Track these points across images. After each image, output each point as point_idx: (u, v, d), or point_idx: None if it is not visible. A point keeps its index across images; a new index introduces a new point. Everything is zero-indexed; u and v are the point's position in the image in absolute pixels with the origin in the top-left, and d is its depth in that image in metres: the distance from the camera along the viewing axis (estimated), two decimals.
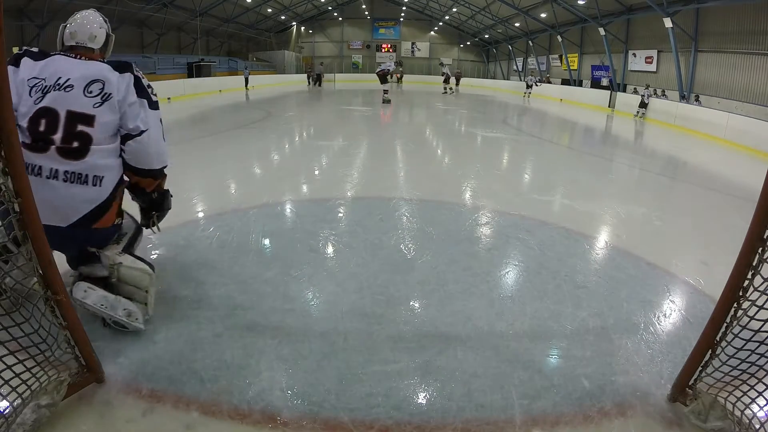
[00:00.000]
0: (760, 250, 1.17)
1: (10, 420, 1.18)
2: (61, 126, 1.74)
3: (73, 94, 1.77)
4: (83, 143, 1.75)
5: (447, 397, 1.46)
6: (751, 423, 1.27)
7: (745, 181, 5.63)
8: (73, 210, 1.76)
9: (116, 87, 1.83)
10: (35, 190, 1.60)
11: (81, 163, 1.75)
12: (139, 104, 1.90)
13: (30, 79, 1.79)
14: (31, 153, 1.71)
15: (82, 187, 1.76)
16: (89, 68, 1.84)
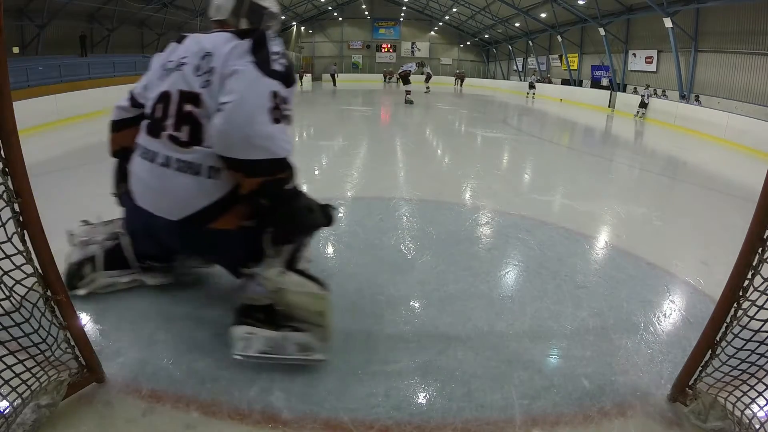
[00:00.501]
0: (760, 250, 1.17)
1: (10, 420, 1.18)
2: (173, 109, 1.55)
3: (183, 73, 1.56)
4: (193, 129, 1.51)
5: (447, 397, 1.46)
6: (751, 423, 1.27)
7: (745, 181, 5.63)
8: (185, 203, 1.53)
9: (222, 57, 1.49)
10: (148, 176, 1.60)
11: (192, 151, 1.51)
12: (241, 71, 1.44)
13: (164, 64, 1.69)
14: (147, 137, 1.61)
15: (196, 178, 1.51)
16: (207, 41, 1.59)
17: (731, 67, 12.31)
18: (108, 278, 2.00)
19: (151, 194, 1.59)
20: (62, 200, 3.61)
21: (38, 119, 7.71)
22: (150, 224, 1.64)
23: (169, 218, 1.56)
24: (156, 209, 1.59)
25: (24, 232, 1.15)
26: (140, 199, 1.66)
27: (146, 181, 1.62)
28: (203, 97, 1.51)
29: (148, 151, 1.60)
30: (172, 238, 1.65)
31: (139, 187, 1.67)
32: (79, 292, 1.96)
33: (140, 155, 1.66)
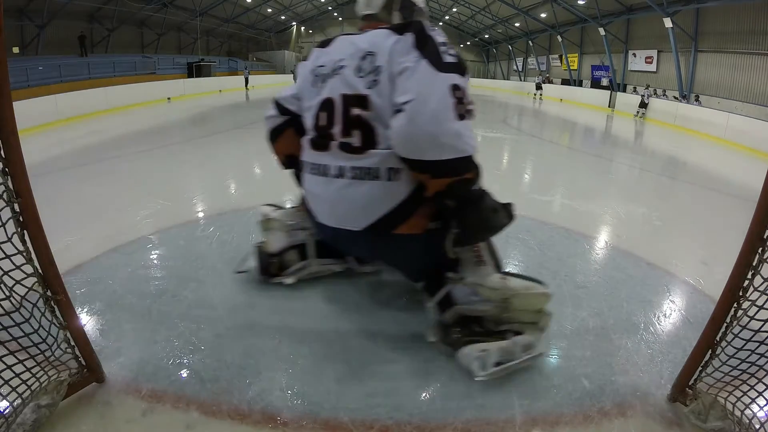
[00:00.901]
0: (760, 250, 1.17)
1: (10, 420, 1.18)
2: (339, 116, 1.48)
3: (343, 76, 1.48)
4: (365, 132, 1.44)
5: (447, 397, 1.46)
6: (751, 423, 1.27)
7: (745, 181, 5.64)
8: (367, 211, 1.46)
9: (387, 55, 1.41)
10: (323, 191, 1.55)
11: (368, 156, 1.43)
12: (414, 68, 1.35)
13: (313, 69, 1.62)
14: (314, 152, 1.55)
15: (375, 183, 1.43)
16: (363, 41, 1.50)
17: (731, 67, 12.32)
18: (321, 266, 2.04)
19: (329, 208, 1.55)
20: (62, 200, 3.61)
21: (38, 119, 7.72)
22: (335, 238, 1.64)
23: (353, 229, 1.50)
24: (338, 223, 1.54)
25: (24, 232, 1.15)
26: (320, 216, 1.62)
27: (323, 197, 1.57)
28: (371, 98, 1.43)
29: (318, 166, 1.55)
30: (359, 248, 1.67)
31: (316, 205, 1.63)
32: (287, 280, 2.00)
33: (310, 172, 1.63)
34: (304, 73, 1.68)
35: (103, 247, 2.56)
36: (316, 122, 1.57)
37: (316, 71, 1.61)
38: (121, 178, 4.46)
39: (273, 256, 2.01)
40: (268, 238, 2.02)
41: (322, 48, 1.68)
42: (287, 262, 2.02)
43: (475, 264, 1.52)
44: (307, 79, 1.64)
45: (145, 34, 20.44)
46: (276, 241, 1.99)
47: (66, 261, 2.31)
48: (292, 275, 2.01)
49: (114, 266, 2.35)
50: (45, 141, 6.60)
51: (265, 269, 2.00)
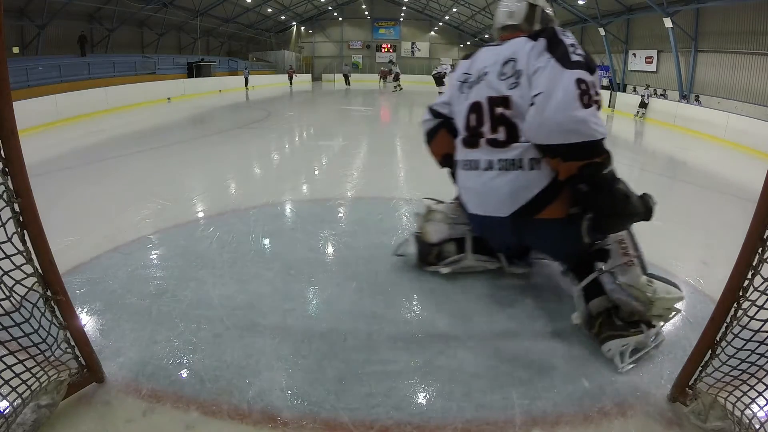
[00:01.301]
0: (760, 250, 1.17)
1: (10, 420, 1.18)
2: (486, 115, 1.72)
3: (488, 81, 1.74)
4: (509, 128, 1.66)
5: (447, 397, 1.46)
6: (751, 423, 1.27)
7: (745, 181, 5.63)
8: (513, 198, 1.67)
9: (525, 59, 1.62)
10: (474, 183, 1.79)
11: (512, 149, 1.66)
12: (544, 67, 1.54)
13: (460, 78, 1.91)
14: (466, 149, 1.80)
15: (519, 173, 1.64)
16: (505, 49, 1.74)
17: (731, 67, 12.31)
18: (476, 261, 2.17)
19: (480, 199, 1.78)
20: (62, 200, 3.61)
21: (38, 119, 7.72)
22: (484, 226, 1.88)
23: (501, 215, 1.70)
24: (487, 211, 1.76)
25: (24, 232, 1.15)
26: (471, 206, 1.87)
27: (474, 189, 1.81)
28: (513, 99, 1.64)
29: (470, 161, 1.80)
30: (506, 234, 1.82)
31: (468, 197, 1.89)
32: (443, 270, 2.16)
33: (462, 168, 1.88)
34: (453, 82, 1.96)
35: (103, 247, 2.56)
36: (467, 123, 1.81)
37: (462, 79, 1.89)
38: (121, 178, 4.46)
39: (433, 246, 2.15)
40: (429, 228, 2.16)
41: (466, 60, 1.97)
42: (445, 252, 2.15)
43: (622, 257, 1.65)
44: (455, 86, 1.91)
45: (145, 34, 20.43)
46: (436, 232, 2.14)
47: (66, 261, 2.31)
48: (448, 266, 2.14)
49: (114, 266, 2.35)
50: (45, 141, 6.60)
51: (424, 257, 2.17)
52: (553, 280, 2.32)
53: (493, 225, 1.78)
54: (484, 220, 1.80)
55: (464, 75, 1.87)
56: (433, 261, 2.14)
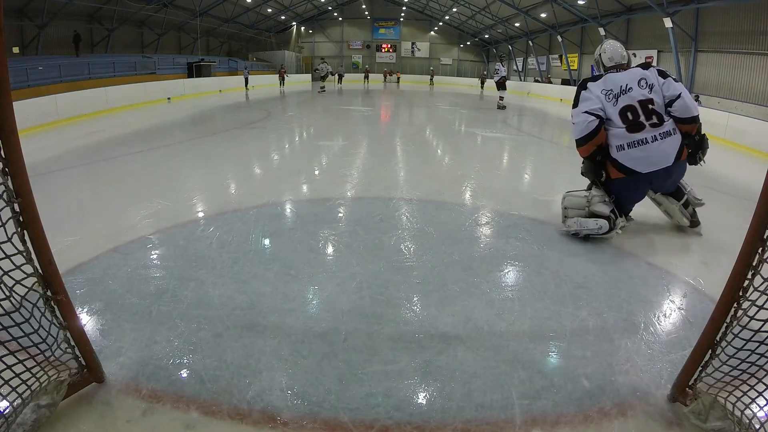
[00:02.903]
0: (760, 250, 1.17)
1: (10, 420, 1.18)
2: (640, 111, 2.80)
3: (633, 91, 2.83)
4: (658, 115, 2.80)
5: (447, 397, 1.46)
6: (751, 423, 1.27)
7: (744, 181, 5.63)
8: (673, 152, 2.82)
9: (653, 78, 2.86)
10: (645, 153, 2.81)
11: (663, 126, 2.80)
12: (669, 81, 2.87)
13: (603, 91, 2.87)
14: (632, 134, 2.79)
15: (673, 137, 2.81)
16: (635, 73, 2.88)
17: (731, 67, 12.31)
18: (622, 222, 3.00)
19: (652, 160, 2.80)
20: (62, 200, 3.61)
21: (38, 119, 7.72)
22: (654, 177, 2.87)
23: (668, 165, 2.81)
24: (660, 165, 2.81)
25: (24, 232, 1.15)
26: (645, 168, 2.82)
27: (646, 156, 2.80)
28: (655, 99, 2.82)
29: (638, 140, 2.80)
30: (666, 177, 2.90)
31: (640, 163, 2.82)
32: (621, 223, 2.99)
33: (630, 148, 2.83)
34: (597, 94, 2.89)
35: (103, 247, 2.56)
36: (624, 119, 2.83)
37: (606, 93, 2.87)
38: (121, 178, 4.46)
39: (606, 217, 2.93)
40: (596, 205, 2.96)
41: (595, 81, 2.95)
42: (613, 218, 2.93)
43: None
44: (601, 97, 2.88)
45: (145, 34, 20.43)
46: (604, 207, 2.94)
47: (66, 261, 2.31)
48: (619, 226, 2.98)
49: (114, 266, 2.35)
50: (45, 141, 6.60)
51: (611, 225, 2.91)
52: (553, 281, 2.33)
53: (659, 174, 2.83)
54: (655, 174, 2.83)
55: (606, 91, 2.86)
56: (612, 226, 2.90)
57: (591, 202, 3.01)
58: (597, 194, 3.03)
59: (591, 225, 2.92)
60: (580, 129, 2.89)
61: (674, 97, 2.81)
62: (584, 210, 3.03)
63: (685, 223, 3.22)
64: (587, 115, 2.86)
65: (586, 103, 2.90)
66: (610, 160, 2.94)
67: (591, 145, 2.92)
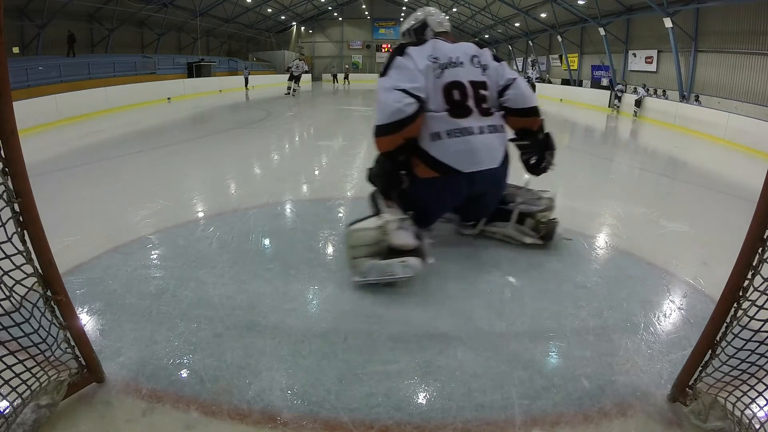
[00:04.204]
0: (760, 250, 1.17)
1: (10, 420, 1.18)
2: (470, 93, 2.26)
3: (466, 68, 2.28)
4: (489, 103, 2.32)
5: (447, 397, 1.46)
6: (751, 423, 1.27)
7: (745, 181, 5.63)
8: (501, 152, 2.33)
9: (487, 59, 2.38)
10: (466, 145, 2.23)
11: (493, 117, 2.32)
12: (503, 66, 2.42)
13: (428, 58, 2.22)
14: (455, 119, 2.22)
15: (500, 134, 2.33)
16: (466, 47, 2.37)
17: (731, 67, 12.31)
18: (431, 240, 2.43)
19: (476, 157, 2.24)
20: (62, 200, 3.61)
21: (38, 119, 7.72)
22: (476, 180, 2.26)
23: (495, 166, 2.27)
24: (483, 165, 2.24)
25: (24, 232, 1.15)
26: (465, 166, 2.23)
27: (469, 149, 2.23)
28: (488, 82, 2.32)
29: (461, 129, 2.21)
30: (492, 182, 2.35)
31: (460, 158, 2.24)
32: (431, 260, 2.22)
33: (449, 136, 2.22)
34: (420, 64, 2.21)
35: (103, 247, 2.56)
36: (449, 98, 2.23)
37: (432, 61, 2.23)
38: (121, 178, 4.46)
39: (413, 250, 2.20)
40: (397, 237, 2.14)
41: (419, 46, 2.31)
42: (422, 247, 2.24)
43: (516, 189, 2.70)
44: (427, 68, 2.21)
45: (145, 34, 20.42)
46: (407, 237, 2.18)
47: (66, 261, 2.31)
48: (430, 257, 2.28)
49: (114, 266, 2.35)
50: (45, 141, 6.60)
51: (421, 257, 2.17)
52: (554, 281, 2.32)
53: (483, 178, 2.24)
54: (478, 176, 2.23)
55: (432, 58, 2.19)
56: (423, 258, 2.19)
57: (387, 232, 2.12)
58: (391, 219, 2.16)
59: (397, 269, 2.08)
60: (389, 112, 2.06)
61: (508, 83, 2.31)
62: (379, 245, 2.14)
63: (531, 240, 2.59)
64: (402, 95, 2.07)
65: (402, 75, 2.13)
66: (419, 153, 2.18)
67: (399, 137, 2.11)
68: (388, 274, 2.09)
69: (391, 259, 2.09)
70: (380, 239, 2.13)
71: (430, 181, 2.23)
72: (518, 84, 2.34)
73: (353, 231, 2.19)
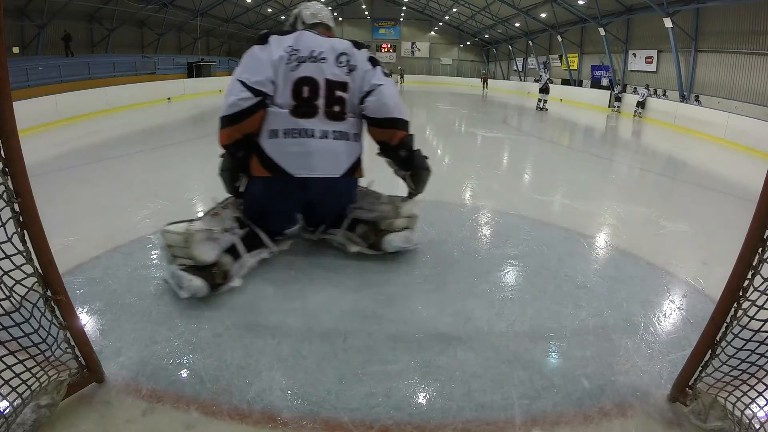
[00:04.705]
0: (760, 250, 1.17)
1: (10, 420, 1.18)
2: (323, 92, 2.10)
3: (328, 64, 2.09)
4: (342, 107, 2.11)
5: (447, 397, 1.46)
6: (751, 423, 1.27)
7: (745, 181, 5.63)
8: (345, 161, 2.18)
9: (358, 59, 2.14)
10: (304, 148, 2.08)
11: (343, 123, 2.11)
12: (374, 72, 2.16)
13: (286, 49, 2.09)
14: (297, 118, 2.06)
15: (347, 142, 2.13)
16: (335, 43, 2.15)
17: (731, 67, 12.31)
18: (253, 258, 2.23)
19: (312, 162, 2.09)
20: (62, 200, 3.61)
21: (38, 119, 7.71)
22: (308, 189, 2.13)
23: (334, 176, 2.12)
24: (318, 173, 2.10)
25: (24, 232, 1.15)
26: (299, 170, 2.10)
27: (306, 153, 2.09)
28: (350, 84, 2.12)
29: (301, 130, 2.07)
30: (331, 196, 2.21)
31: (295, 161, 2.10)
32: (235, 283, 2.05)
33: (287, 135, 2.08)
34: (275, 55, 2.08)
35: (103, 247, 2.56)
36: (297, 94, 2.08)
37: (289, 51, 2.08)
38: (121, 178, 4.46)
39: (213, 267, 2.01)
40: (198, 251, 1.96)
41: (283, 36, 2.15)
42: (225, 266, 2.05)
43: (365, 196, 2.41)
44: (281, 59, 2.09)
45: (145, 34, 20.43)
46: (207, 251, 1.98)
47: (66, 261, 2.31)
48: (238, 277, 2.09)
49: (114, 266, 2.35)
50: (45, 141, 6.60)
51: (211, 283, 1.97)
52: (554, 281, 2.32)
53: (318, 187, 2.08)
54: (312, 183, 2.07)
55: (291, 48, 2.04)
56: (221, 281, 2.01)
57: (189, 241, 1.95)
58: (198, 229, 1.99)
59: (182, 283, 1.91)
60: (227, 104, 2.01)
61: (371, 89, 2.08)
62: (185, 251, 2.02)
63: (356, 249, 2.35)
64: (241, 88, 1.99)
65: (248, 67, 2.03)
66: (256, 149, 2.07)
67: (235, 131, 2.05)
68: (175, 284, 1.97)
69: (183, 272, 1.94)
70: (183, 246, 1.97)
71: (261, 181, 2.12)
72: (381, 91, 2.09)
73: (164, 231, 2.04)
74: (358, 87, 2.11)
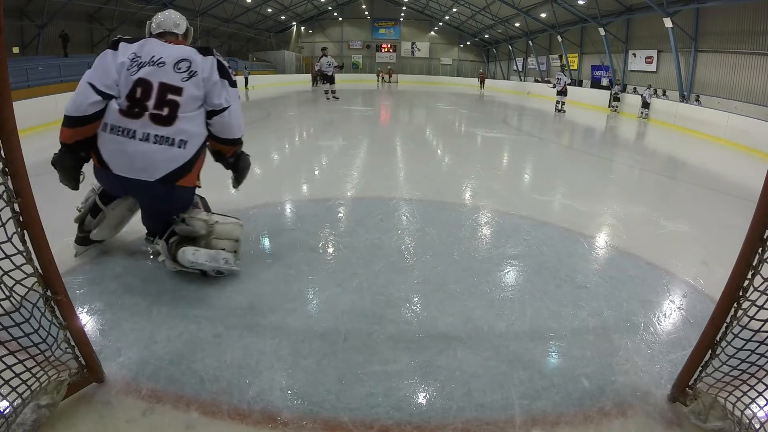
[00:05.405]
0: (760, 250, 1.17)
1: (10, 420, 1.18)
2: (154, 95, 2.08)
3: (165, 69, 2.11)
4: (171, 111, 2.09)
5: (447, 397, 1.46)
6: (751, 423, 1.27)
7: (745, 181, 5.63)
8: (161, 167, 2.09)
9: (201, 67, 2.15)
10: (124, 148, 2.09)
11: (168, 129, 2.07)
12: (221, 85, 2.17)
13: (129, 55, 2.15)
14: (125, 117, 2.07)
15: (168, 148, 2.09)
16: (177, 50, 2.18)
17: (731, 67, 12.33)
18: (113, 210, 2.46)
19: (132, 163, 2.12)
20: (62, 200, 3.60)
21: (38, 119, 7.72)
22: (128, 189, 2.25)
23: (148, 180, 2.11)
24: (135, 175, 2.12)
25: (24, 232, 1.15)
26: (119, 169, 2.16)
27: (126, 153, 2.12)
28: (186, 90, 2.11)
29: (126, 129, 2.10)
30: (149, 199, 2.23)
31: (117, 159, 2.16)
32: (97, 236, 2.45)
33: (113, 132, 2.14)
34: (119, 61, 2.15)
35: (103, 247, 2.56)
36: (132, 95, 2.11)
37: (131, 57, 2.14)
38: None
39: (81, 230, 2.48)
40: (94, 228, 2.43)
41: (131, 43, 2.19)
42: (88, 225, 2.47)
43: (192, 208, 2.31)
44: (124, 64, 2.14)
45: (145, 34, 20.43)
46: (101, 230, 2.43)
47: (66, 261, 2.32)
48: (100, 231, 2.44)
49: (114, 266, 2.35)
50: (45, 141, 6.58)
51: (82, 241, 2.47)
52: (553, 281, 2.33)
53: (136, 188, 2.15)
54: (130, 184, 2.14)
55: (134, 55, 2.13)
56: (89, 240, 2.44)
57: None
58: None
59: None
60: (75, 104, 2.07)
61: (218, 109, 2.14)
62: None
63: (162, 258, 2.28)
64: (91, 92, 2.05)
65: (98, 71, 2.10)
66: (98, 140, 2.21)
67: (77, 134, 2.17)
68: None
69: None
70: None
71: (97, 170, 2.30)
72: (230, 112, 2.16)
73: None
74: (197, 96, 2.12)
